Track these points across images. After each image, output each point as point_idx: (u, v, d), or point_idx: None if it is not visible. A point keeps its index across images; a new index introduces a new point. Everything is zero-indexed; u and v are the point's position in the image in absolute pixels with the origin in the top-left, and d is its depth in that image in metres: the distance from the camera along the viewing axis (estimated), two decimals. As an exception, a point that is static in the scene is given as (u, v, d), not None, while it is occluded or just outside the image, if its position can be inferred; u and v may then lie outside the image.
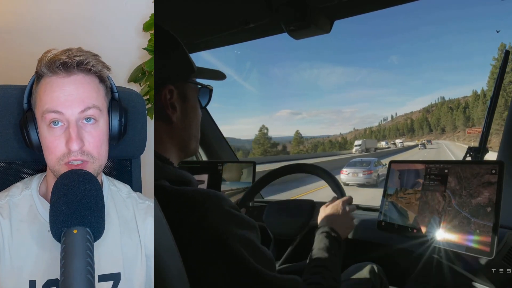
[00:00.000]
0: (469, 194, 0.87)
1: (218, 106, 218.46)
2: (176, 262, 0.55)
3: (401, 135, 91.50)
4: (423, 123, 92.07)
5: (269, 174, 1.22)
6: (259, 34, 1.26)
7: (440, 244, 0.90)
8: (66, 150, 0.74)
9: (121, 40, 1.37)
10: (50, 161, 0.76)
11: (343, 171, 11.35)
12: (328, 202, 1.05)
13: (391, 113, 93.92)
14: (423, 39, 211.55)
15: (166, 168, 0.67)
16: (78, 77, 0.76)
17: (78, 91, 0.75)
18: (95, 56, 0.79)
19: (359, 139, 55.93)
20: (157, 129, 0.69)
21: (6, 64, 1.30)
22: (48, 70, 0.76)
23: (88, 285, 0.58)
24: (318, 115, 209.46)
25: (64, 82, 0.75)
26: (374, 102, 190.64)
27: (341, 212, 0.99)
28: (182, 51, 0.72)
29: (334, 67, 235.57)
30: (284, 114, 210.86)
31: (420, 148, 42.25)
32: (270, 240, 1.15)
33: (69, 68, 0.75)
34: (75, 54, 0.76)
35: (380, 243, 1.13)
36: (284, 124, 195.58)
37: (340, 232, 0.92)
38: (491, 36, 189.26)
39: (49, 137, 0.75)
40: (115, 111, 0.83)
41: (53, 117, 0.74)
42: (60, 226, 0.64)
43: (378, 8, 1.11)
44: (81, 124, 0.76)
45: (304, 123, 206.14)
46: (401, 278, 1.10)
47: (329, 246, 0.86)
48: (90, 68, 0.77)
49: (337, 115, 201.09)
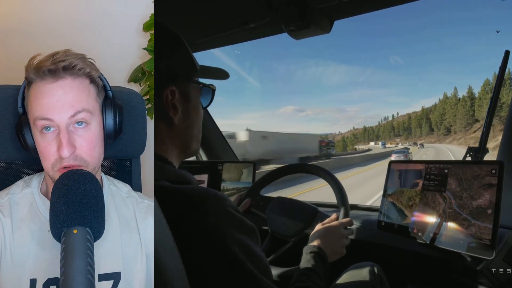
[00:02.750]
0: (470, 196, 0.87)
1: (221, 100, 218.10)
2: (176, 262, 0.55)
3: (396, 136, 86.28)
4: (421, 120, 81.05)
5: (280, 170, 1.28)
6: (259, 34, 1.26)
7: (440, 244, 0.90)
8: (58, 155, 0.74)
9: (121, 40, 1.36)
10: (45, 166, 0.77)
11: (393, 156, 21.67)
12: (327, 220, 1.04)
13: (393, 113, 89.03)
14: (430, 40, 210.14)
15: (166, 169, 0.67)
16: (67, 81, 0.75)
17: (67, 96, 0.74)
18: (82, 59, 0.78)
19: (359, 137, 55.81)
20: (158, 130, 0.68)
21: (6, 64, 1.29)
22: (36, 76, 0.75)
23: (88, 285, 0.58)
24: (322, 113, 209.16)
25: (52, 87, 0.74)
26: (378, 102, 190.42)
27: (335, 236, 0.99)
28: (185, 49, 0.71)
29: (338, 65, 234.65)
30: (288, 110, 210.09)
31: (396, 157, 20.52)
32: (268, 234, 1.16)
33: (56, 73, 0.74)
34: (60, 59, 0.75)
35: (380, 243, 1.13)
36: (287, 121, 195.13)
37: (328, 254, 0.92)
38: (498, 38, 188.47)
39: (42, 143, 0.75)
40: (108, 110, 0.82)
41: (44, 123, 0.74)
42: (60, 226, 0.64)
43: (378, 8, 1.11)
44: (72, 128, 0.75)
45: (307, 120, 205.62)
46: (401, 278, 1.10)
47: (316, 270, 0.86)
48: (78, 70, 0.76)
49: (340, 113, 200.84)
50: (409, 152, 25.18)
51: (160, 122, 0.68)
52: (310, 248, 0.92)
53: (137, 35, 1.37)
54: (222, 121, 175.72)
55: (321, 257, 0.90)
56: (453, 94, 77.22)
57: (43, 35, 1.29)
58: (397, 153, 23.17)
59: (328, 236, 0.98)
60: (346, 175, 13.81)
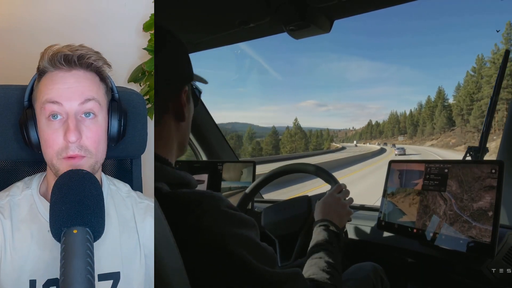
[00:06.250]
0: (470, 198, 0.87)
1: (242, 91, 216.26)
2: (176, 261, 0.55)
3: (401, 133, 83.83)
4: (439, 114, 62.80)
5: (260, 180, 1.24)
6: (259, 34, 1.26)
7: (440, 243, 0.90)
8: (64, 144, 0.75)
9: (121, 40, 1.37)
10: (48, 155, 0.77)
11: (395, 150, 33.88)
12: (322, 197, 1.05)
13: (411, 109, 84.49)
14: (458, 41, 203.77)
15: (165, 169, 0.67)
16: (79, 72, 0.78)
17: (78, 85, 0.77)
18: (96, 53, 0.81)
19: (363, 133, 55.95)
20: (158, 130, 0.68)
21: (6, 64, 1.30)
22: (50, 65, 0.77)
23: (88, 285, 0.58)
24: (343, 108, 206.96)
25: (65, 76, 0.77)
26: (399, 100, 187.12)
27: (333, 201, 0.99)
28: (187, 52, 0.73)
29: (362, 60, 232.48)
30: (309, 104, 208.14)
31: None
32: (274, 244, 1.15)
33: (70, 62, 0.77)
34: (76, 48, 0.78)
35: (380, 243, 1.13)
36: (307, 115, 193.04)
37: (336, 222, 0.93)
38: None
39: (48, 130, 0.76)
40: (114, 112, 0.83)
41: (52, 108, 0.75)
42: (60, 226, 0.64)
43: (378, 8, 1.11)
44: (80, 118, 0.76)
45: (328, 115, 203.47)
46: (401, 278, 1.10)
47: (328, 239, 0.86)
48: (91, 62, 0.78)
49: (361, 109, 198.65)
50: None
51: (169, 121, 0.68)
52: (317, 224, 0.93)
53: (137, 35, 1.37)
54: (240, 113, 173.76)
55: (329, 227, 0.90)
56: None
57: (43, 34, 1.29)
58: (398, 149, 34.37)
59: (329, 205, 0.99)
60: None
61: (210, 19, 1.18)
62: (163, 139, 0.68)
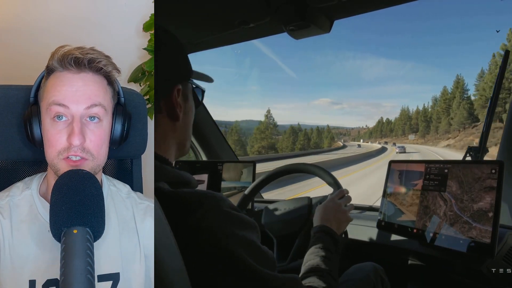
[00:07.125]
0: (470, 199, 0.87)
1: (255, 89, 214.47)
2: (176, 262, 0.55)
3: (413, 131, 78.02)
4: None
5: (260, 180, 1.22)
6: (259, 34, 1.26)
7: (440, 243, 0.90)
8: (66, 145, 0.75)
9: (121, 40, 1.36)
10: (50, 154, 0.77)
11: (395, 148, 37.27)
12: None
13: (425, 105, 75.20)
14: (476, 40, 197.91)
15: (164, 169, 0.67)
16: (88, 75, 0.78)
17: (86, 88, 0.76)
18: (107, 57, 0.81)
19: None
20: (158, 129, 0.69)
21: (6, 64, 1.30)
22: (60, 65, 0.77)
23: (88, 285, 0.58)
24: (358, 107, 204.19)
25: (73, 78, 0.77)
26: (415, 98, 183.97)
27: (334, 207, 0.99)
28: (184, 51, 0.73)
29: (377, 58, 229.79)
30: (323, 102, 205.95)
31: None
32: (273, 243, 1.15)
33: (80, 65, 0.77)
34: (87, 52, 0.78)
35: (380, 244, 1.13)
36: (321, 113, 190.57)
37: (335, 228, 0.93)
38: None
39: (52, 130, 0.76)
40: (119, 116, 0.84)
41: (58, 110, 0.75)
42: (60, 226, 0.64)
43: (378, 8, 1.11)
44: (85, 121, 0.77)
45: (342, 113, 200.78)
46: (402, 278, 1.10)
47: (324, 246, 0.86)
48: (101, 67, 0.78)
49: (376, 108, 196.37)
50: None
51: (163, 121, 0.69)
52: (314, 229, 0.93)
53: (137, 35, 1.37)
54: (253, 110, 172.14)
55: (327, 233, 0.90)
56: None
57: (43, 34, 1.29)
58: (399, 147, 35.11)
59: (329, 210, 0.98)
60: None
61: (210, 19, 1.18)
62: (161, 139, 0.69)
